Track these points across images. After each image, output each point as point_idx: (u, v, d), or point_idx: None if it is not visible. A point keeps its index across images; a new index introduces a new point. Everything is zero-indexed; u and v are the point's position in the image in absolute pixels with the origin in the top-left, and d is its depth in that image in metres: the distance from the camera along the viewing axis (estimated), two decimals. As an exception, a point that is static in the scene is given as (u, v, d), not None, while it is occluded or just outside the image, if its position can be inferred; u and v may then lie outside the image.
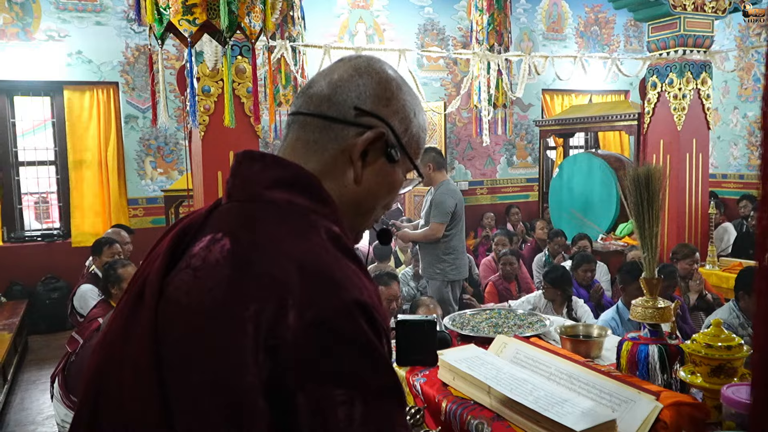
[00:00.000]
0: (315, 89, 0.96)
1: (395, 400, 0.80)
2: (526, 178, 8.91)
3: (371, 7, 7.82)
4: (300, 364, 0.75)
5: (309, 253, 0.81)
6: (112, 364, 0.88)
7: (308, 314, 0.75)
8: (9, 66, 6.28)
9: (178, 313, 0.82)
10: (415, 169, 1.02)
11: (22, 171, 6.78)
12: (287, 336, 0.75)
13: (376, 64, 0.98)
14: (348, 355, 0.76)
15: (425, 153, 5.00)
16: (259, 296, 0.77)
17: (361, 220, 0.99)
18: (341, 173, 0.94)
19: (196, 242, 0.87)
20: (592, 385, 1.42)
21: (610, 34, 9.36)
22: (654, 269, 1.57)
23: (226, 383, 0.75)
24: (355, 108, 0.93)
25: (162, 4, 2.61)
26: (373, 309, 0.80)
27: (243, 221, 0.87)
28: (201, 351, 0.78)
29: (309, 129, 0.95)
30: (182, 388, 0.78)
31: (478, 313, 2.13)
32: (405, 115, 0.97)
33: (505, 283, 5.68)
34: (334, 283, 0.79)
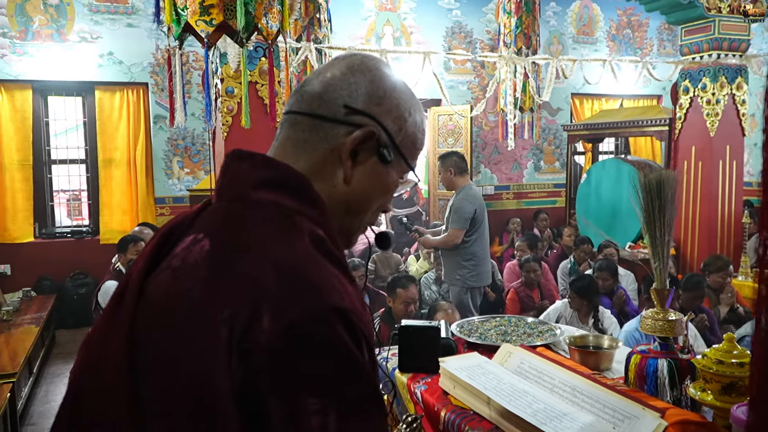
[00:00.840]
0: (307, 88, 0.94)
1: (373, 410, 0.78)
2: (553, 184, 8.79)
3: (398, 9, 7.80)
4: (273, 370, 0.72)
5: (289, 256, 0.79)
6: (91, 363, 0.87)
7: (283, 319, 0.73)
8: (43, 66, 6.41)
9: (156, 314, 0.80)
10: (411, 169, 0.99)
11: (54, 169, 6.90)
12: (261, 340, 0.72)
13: (371, 62, 0.96)
14: (323, 362, 0.74)
15: (447, 157, 4.95)
16: (234, 299, 0.75)
17: (352, 222, 0.96)
18: (331, 173, 0.91)
19: (179, 242, 0.86)
20: (595, 399, 1.37)
21: (643, 37, 9.19)
22: (665, 279, 1.51)
23: (197, 387, 0.73)
24: (344, 106, 0.91)
25: (180, 5, 2.63)
26: (352, 315, 0.77)
27: (225, 222, 0.86)
28: (174, 353, 0.76)
29: (299, 128, 0.92)
30: (154, 391, 0.76)
31: (486, 321, 2.09)
32: (399, 115, 0.94)
33: (527, 290, 5.60)
34: (312, 287, 0.77)
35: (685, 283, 4.59)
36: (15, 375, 3.93)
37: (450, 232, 4.77)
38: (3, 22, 6.24)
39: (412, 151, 0.98)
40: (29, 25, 6.34)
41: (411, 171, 0.99)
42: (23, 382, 4.39)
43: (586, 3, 8.81)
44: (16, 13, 6.28)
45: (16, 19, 6.29)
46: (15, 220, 6.46)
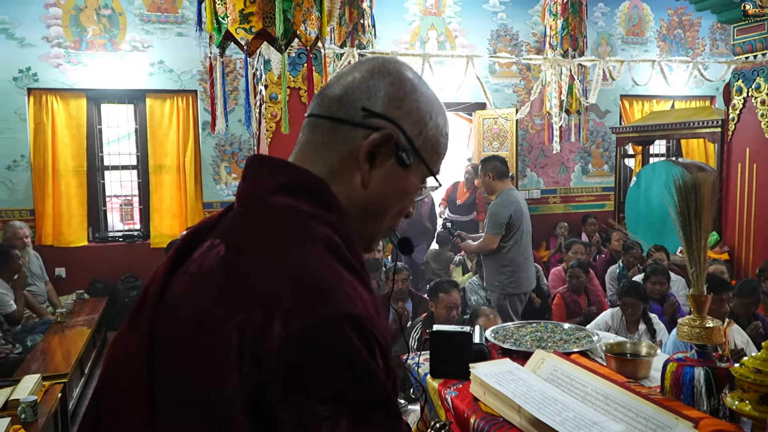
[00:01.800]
0: (328, 91, 0.95)
1: (387, 418, 0.77)
2: (601, 187, 8.60)
3: (443, 13, 7.78)
4: (284, 376, 0.73)
5: (302, 262, 0.79)
6: (114, 364, 0.89)
7: (295, 325, 0.73)
8: (97, 75, 6.62)
9: (172, 319, 0.82)
10: (431, 174, 0.97)
11: (107, 175, 7.12)
12: (272, 347, 0.73)
13: (391, 65, 0.95)
14: (335, 369, 0.74)
15: (487, 161, 4.90)
16: (246, 305, 0.75)
17: (371, 227, 0.95)
18: (349, 176, 0.91)
19: (199, 247, 0.87)
20: (628, 407, 1.33)
21: (695, 37, 8.93)
22: (702, 285, 1.47)
23: (208, 392, 0.74)
24: (363, 109, 0.91)
25: (221, 14, 2.68)
26: (365, 321, 0.77)
27: (241, 227, 0.87)
28: (187, 358, 0.78)
29: (319, 131, 0.93)
30: (168, 394, 0.78)
31: (522, 326, 2.06)
32: (419, 118, 0.93)
33: (574, 296, 5.50)
34: (324, 293, 0.77)
35: (740, 289, 4.44)
36: (66, 375, 4.06)
37: (485, 237, 4.75)
38: (58, 32, 6.47)
39: (434, 155, 0.97)
40: (83, 36, 6.56)
41: (432, 176, 0.98)
42: (74, 382, 4.53)
43: (636, 3, 8.62)
44: (70, 24, 6.51)
45: (71, 29, 6.51)
46: (70, 225, 6.68)
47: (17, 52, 6.36)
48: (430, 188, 1.01)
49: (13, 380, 3.74)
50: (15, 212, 6.50)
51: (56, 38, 6.47)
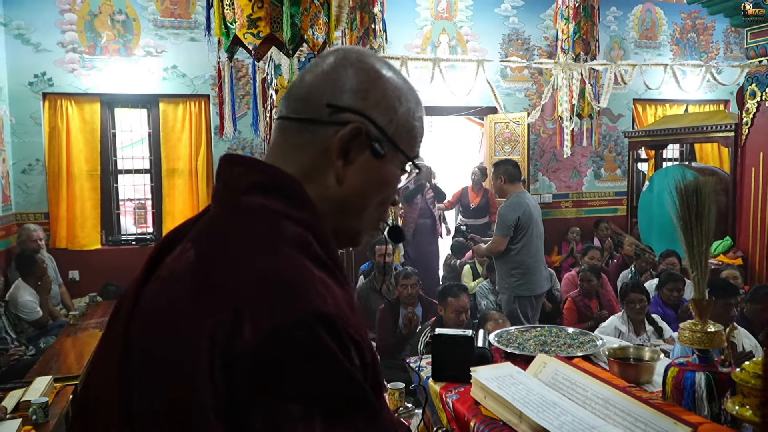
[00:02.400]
0: (293, 91, 0.94)
1: (364, 417, 0.76)
2: (614, 192, 8.56)
3: (455, 18, 7.78)
4: (256, 378, 0.72)
5: (270, 263, 0.79)
6: (94, 369, 0.90)
7: (265, 326, 0.73)
8: (111, 80, 6.69)
9: (145, 325, 0.82)
10: (409, 159, 0.95)
11: (121, 179, 7.18)
12: (243, 350, 0.72)
13: (353, 55, 0.93)
14: (306, 369, 0.73)
15: (499, 165, 4.93)
16: (215, 309, 0.75)
17: (353, 222, 0.95)
18: (323, 175, 0.90)
19: (173, 251, 0.87)
20: (627, 412, 1.33)
21: (709, 41, 8.87)
22: (704, 289, 1.46)
23: (180, 399, 0.74)
24: (328, 105, 0.89)
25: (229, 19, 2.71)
26: (336, 319, 0.76)
27: (212, 229, 0.86)
28: (159, 364, 0.77)
29: (288, 133, 0.92)
30: (142, 400, 0.78)
31: (527, 330, 2.06)
32: (388, 105, 0.91)
33: (585, 300, 5.48)
34: (293, 293, 0.76)
35: (752, 294, 4.41)
36: (78, 377, 4.09)
37: (493, 239, 4.81)
38: (73, 38, 6.55)
39: (410, 140, 0.95)
40: (98, 41, 6.63)
41: (410, 161, 0.95)
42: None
43: (649, 6, 8.58)
44: (85, 29, 6.58)
45: (86, 34, 6.59)
46: (84, 228, 6.74)
47: (33, 57, 6.44)
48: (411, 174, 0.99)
49: (25, 382, 3.78)
50: (30, 215, 6.57)
51: (71, 43, 6.54)
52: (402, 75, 0.97)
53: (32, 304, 5.10)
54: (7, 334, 4.70)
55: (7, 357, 4.48)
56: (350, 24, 6.06)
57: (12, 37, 6.36)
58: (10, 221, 6.37)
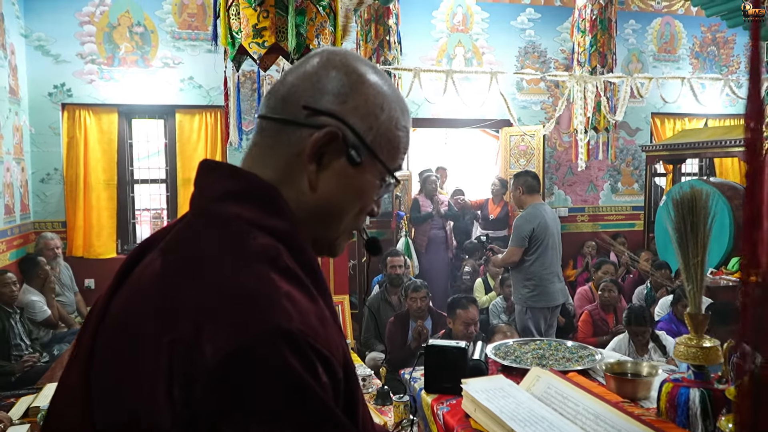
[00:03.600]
0: (274, 90, 0.91)
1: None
2: (631, 206, 8.46)
3: (470, 30, 7.78)
4: (217, 398, 0.70)
5: (233, 277, 0.76)
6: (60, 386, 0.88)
7: (225, 344, 0.70)
8: (128, 91, 6.77)
9: (108, 336, 0.80)
10: (387, 171, 0.91)
11: (137, 188, 7.25)
12: (202, 367, 0.70)
13: (338, 57, 0.90)
14: (268, 387, 0.70)
15: (519, 176, 4.94)
16: (175, 325, 0.73)
17: (328, 231, 0.91)
18: (298, 179, 0.87)
19: (144, 260, 0.85)
20: (618, 428, 1.29)
21: (729, 54, 8.77)
22: (700, 303, 1.42)
23: (138, 415, 0.72)
24: (304, 107, 0.86)
25: (235, 29, 2.72)
26: (299, 336, 0.73)
27: (181, 240, 0.84)
28: (119, 378, 0.76)
29: (266, 133, 0.90)
30: (104, 414, 0.76)
31: (525, 344, 2.02)
32: (368, 111, 0.88)
33: (602, 314, 5.40)
34: (255, 308, 0.73)
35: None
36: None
37: (508, 250, 4.83)
38: (92, 49, 6.64)
39: (390, 150, 0.91)
40: (116, 52, 6.72)
41: (389, 173, 0.92)
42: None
43: (668, 20, 8.51)
44: (104, 41, 6.68)
45: (104, 46, 6.68)
46: (100, 237, 6.81)
47: (52, 69, 6.54)
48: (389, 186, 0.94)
49: (36, 388, 3.80)
50: (47, 224, 6.65)
51: (90, 55, 6.64)
52: (390, 82, 0.93)
53: (39, 304, 5.16)
54: (22, 340, 4.75)
55: (21, 364, 4.52)
56: (365, 36, 6.09)
57: (32, 48, 6.47)
58: (28, 230, 6.45)
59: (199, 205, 0.87)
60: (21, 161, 6.26)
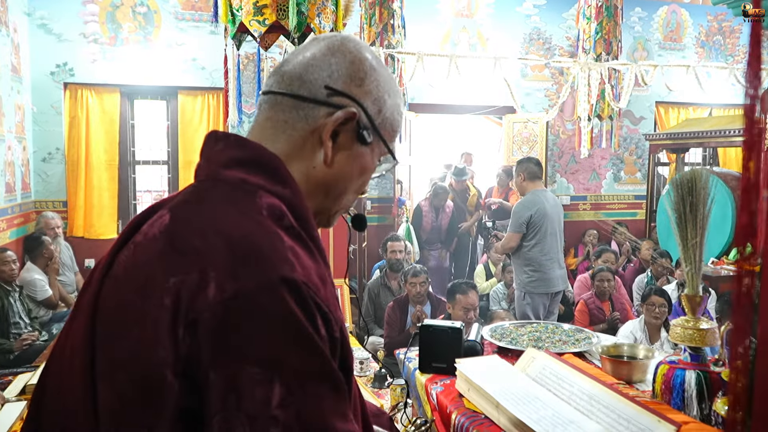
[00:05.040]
0: (287, 68, 0.94)
1: (326, 386, 0.75)
2: (634, 195, 8.42)
3: (475, 16, 7.71)
4: (217, 338, 0.72)
5: (241, 228, 0.79)
6: (58, 347, 0.90)
7: (229, 288, 0.73)
8: (131, 71, 6.74)
9: (114, 288, 0.82)
10: (389, 152, 0.98)
11: (138, 169, 7.24)
12: (205, 309, 0.72)
13: (350, 43, 0.96)
14: (268, 332, 0.72)
15: (521, 162, 4.94)
16: (182, 269, 0.76)
17: (331, 204, 0.97)
18: (310, 154, 0.92)
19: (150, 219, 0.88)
20: (611, 409, 1.28)
21: (735, 44, 8.70)
22: (697, 285, 1.41)
23: (139, 354, 0.74)
24: (326, 87, 0.91)
25: (235, 6, 2.70)
26: (304, 287, 0.76)
27: (189, 199, 0.87)
28: (122, 323, 0.78)
29: (279, 108, 0.93)
30: (103, 364, 0.78)
31: (522, 326, 2.01)
32: (378, 96, 0.95)
33: (598, 302, 5.39)
34: (261, 258, 0.76)
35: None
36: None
37: (506, 235, 4.89)
38: (95, 29, 6.61)
39: (391, 133, 0.98)
40: (119, 32, 6.68)
41: (390, 153, 0.98)
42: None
43: (674, 8, 8.43)
44: (107, 21, 6.64)
45: (107, 26, 6.64)
46: (101, 217, 6.80)
47: (55, 47, 6.51)
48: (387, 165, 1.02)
49: (34, 366, 3.81)
50: (48, 203, 6.65)
51: (93, 34, 6.60)
52: (389, 72, 1.01)
53: (42, 283, 5.17)
54: (21, 319, 4.76)
55: (20, 342, 4.54)
56: (369, 20, 6.04)
57: (35, 27, 6.43)
58: (29, 209, 6.45)
59: (205, 172, 0.91)
60: (23, 140, 6.24)
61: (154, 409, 0.72)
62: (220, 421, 0.70)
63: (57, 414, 0.83)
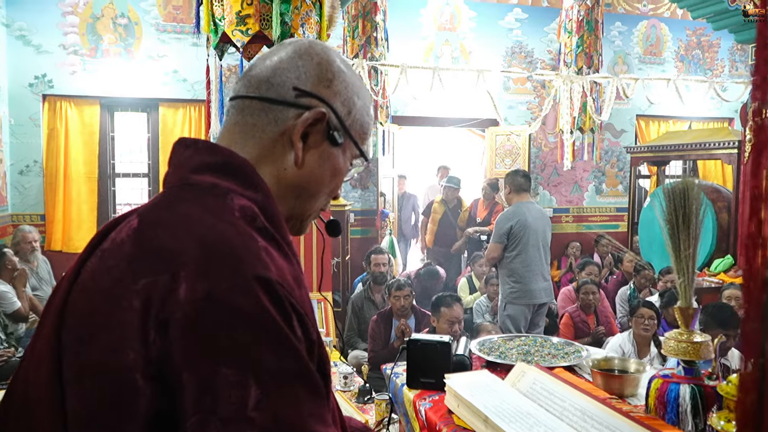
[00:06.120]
0: (254, 72, 0.93)
1: (303, 387, 0.72)
2: (615, 207, 8.48)
3: (457, 29, 7.75)
4: (189, 339, 0.69)
5: (213, 228, 0.77)
6: (24, 362, 0.87)
7: (200, 288, 0.70)
8: (111, 83, 6.66)
9: (81, 297, 0.79)
10: (361, 153, 0.97)
11: (119, 182, 7.14)
12: (177, 310, 0.70)
13: (317, 46, 0.95)
14: (242, 332, 0.70)
15: (509, 175, 5.02)
16: (152, 270, 0.73)
17: (303, 207, 0.95)
18: (281, 157, 0.90)
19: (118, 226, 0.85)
20: (605, 425, 1.25)
21: (714, 58, 8.82)
22: (690, 297, 1.39)
23: (107, 362, 0.72)
24: (294, 88, 0.90)
25: (218, 16, 2.66)
26: (279, 286, 0.74)
27: (157, 202, 0.85)
28: (90, 331, 0.75)
29: (248, 112, 0.91)
30: (71, 371, 0.75)
31: (510, 339, 1.98)
32: (347, 97, 0.94)
33: (583, 315, 5.39)
34: (233, 257, 0.74)
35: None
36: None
37: (488, 246, 5.00)
38: (75, 40, 6.53)
39: (362, 135, 0.98)
40: (99, 44, 6.61)
41: (362, 155, 0.98)
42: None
43: (654, 23, 8.54)
44: (87, 32, 6.57)
45: (87, 37, 6.57)
46: (79, 231, 6.69)
47: (34, 59, 6.42)
48: (359, 166, 1.01)
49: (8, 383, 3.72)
50: (26, 216, 6.54)
51: (72, 46, 6.52)
52: (357, 75, 1.01)
53: (9, 296, 5.02)
54: (-3, 335, 4.65)
55: (-4, 358, 4.42)
56: (352, 32, 6.04)
57: (14, 38, 6.35)
58: (6, 222, 6.33)
59: (174, 178, 0.88)
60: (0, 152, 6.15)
61: (125, 414, 0.71)
62: (194, 424, 0.68)
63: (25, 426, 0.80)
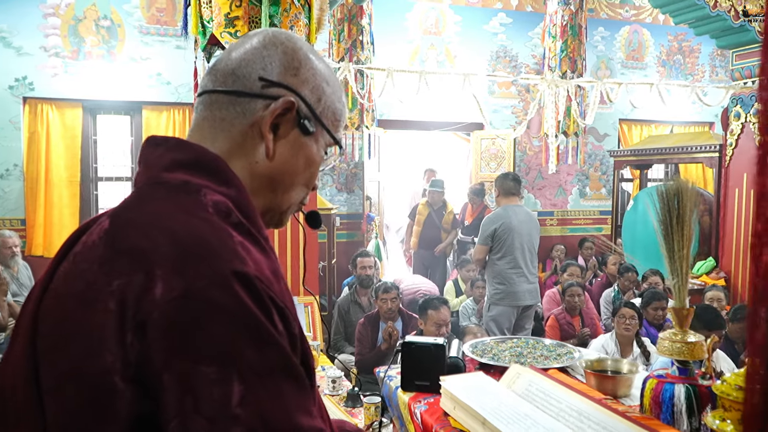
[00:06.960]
0: (220, 66, 0.92)
1: (287, 381, 0.71)
2: (599, 210, 8.55)
3: (443, 33, 7.78)
4: (168, 339, 0.68)
5: (187, 224, 0.75)
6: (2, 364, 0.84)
7: (177, 285, 0.69)
8: (94, 86, 6.59)
9: (53, 302, 0.77)
10: (335, 140, 0.97)
11: (101, 186, 7.06)
12: (154, 310, 0.68)
13: (282, 35, 0.94)
14: (222, 327, 0.68)
15: (498, 178, 5.04)
16: (125, 271, 0.71)
17: (279, 200, 0.94)
18: (251, 149, 0.89)
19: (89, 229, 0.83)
20: (603, 425, 1.25)
21: (695, 63, 8.94)
22: (684, 297, 1.40)
23: (84, 367, 0.70)
24: (260, 79, 0.88)
25: (206, 17, 2.64)
26: (257, 281, 0.72)
27: (128, 202, 0.83)
28: (64, 337, 0.73)
29: (215, 107, 0.90)
30: (48, 379, 0.73)
31: (503, 341, 1.98)
32: (316, 85, 0.93)
33: (568, 317, 5.42)
34: (210, 253, 0.72)
35: (734, 314, 4.41)
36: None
37: (474, 248, 5.08)
38: (56, 42, 6.46)
39: (334, 122, 0.96)
40: (81, 46, 6.54)
41: (336, 142, 0.97)
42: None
43: (636, 28, 8.64)
44: (69, 34, 6.50)
45: (69, 39, 6.50)
46: (61, 236, 6.59)
47: (14, 61, 6.34)
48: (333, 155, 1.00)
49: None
50: (6, 221, 6.44)
51: (54, 48, 6.45)
52: (325, 61, 0.98)
53: None
54: (-24, 343, 4.57)
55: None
56: (338, 36, 6.04)
57: (-6, 40, 6.27)
58: (-15, 227, 6.23)
59: (145, 177, 0.86)
60: (-21, 156, 6.06)
61: (106, 419, 0.69)
62: (177, 425, 0.66)
63: None
